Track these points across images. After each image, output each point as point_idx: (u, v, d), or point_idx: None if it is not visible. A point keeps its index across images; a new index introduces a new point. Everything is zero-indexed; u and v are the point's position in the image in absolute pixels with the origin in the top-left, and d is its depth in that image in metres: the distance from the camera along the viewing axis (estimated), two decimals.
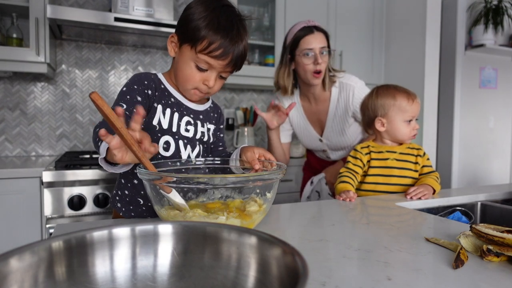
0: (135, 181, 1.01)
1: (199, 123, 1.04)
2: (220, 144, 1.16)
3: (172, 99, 1.00)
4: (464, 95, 3.33)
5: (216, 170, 0.98)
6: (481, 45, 3.20)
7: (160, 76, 1.02)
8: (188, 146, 1.02)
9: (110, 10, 2.11)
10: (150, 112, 0.96)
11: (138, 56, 2.50)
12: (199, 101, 1.07)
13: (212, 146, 1.12)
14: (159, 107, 0.97)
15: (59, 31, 2.10)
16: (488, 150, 3.52)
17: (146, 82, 0.97)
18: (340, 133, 1.65)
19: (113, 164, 0.77)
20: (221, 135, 1.16)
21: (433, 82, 2.63)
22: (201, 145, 1.06)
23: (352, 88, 1.57)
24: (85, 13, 1.88)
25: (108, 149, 0.71)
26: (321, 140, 1.71)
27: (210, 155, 1.12)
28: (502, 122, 3.60)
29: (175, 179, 0.69)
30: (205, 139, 1.06)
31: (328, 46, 1.56)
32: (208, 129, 1.08)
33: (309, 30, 1.53)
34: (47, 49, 1.94)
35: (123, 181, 1.04)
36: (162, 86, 1.00)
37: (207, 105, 1.09)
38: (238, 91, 2.81)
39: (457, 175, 3.30)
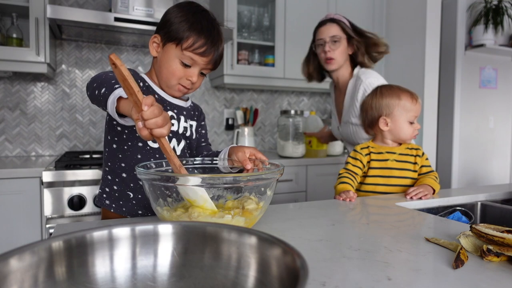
0: (124, 175, 1.03)
1: (182, 118, 1.09)
2: (203, 140, 1.21)
3: (156, 96, 1.05)
4: (464, 95, 3.33)
5: (204, 169, 0.99)
6: (481, 45, 3.20)
7: (143, 75, 1.06)
8: (174, 140, 1.06)
9: (110, 10, 2.11)
10: None
11: (138, 56, 2.50)
12: (180, 99, 1.11)
13: (195, 143, 1.17)
14: None
15: (59, 31, 2.10)
16: (488, 150, 3.52)
17: (140, 75, 1.04)
18: (346, 124, 1.71)
19: (120, 114, 0.77)
20: (203, 131, 1.21)
21: (433, 82, 2.63)
22: (184, 140, 1.10)
23: (360, 83, 1.59)
24: (85, 13, 1.88)
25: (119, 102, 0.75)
26: (338, 129, 1.80)
27: (194, 151, 1.16)
28: (502, 122, 3.60)
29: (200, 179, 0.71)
30: (188, 134, 1.11)
31: (348, 34, 1.62)
32: (191, 126, 1.13)
33: (323, 22, 1.65)
34: (47, 49, 1.94)
35: (109, 177, 1.05)
36: (146, 84, 1.05)
37: (188, 103, 1.14)
38: (238, 91, 2.81)
39: (457, 175, 3.30)
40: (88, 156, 2.05)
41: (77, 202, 1.72)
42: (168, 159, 0.74)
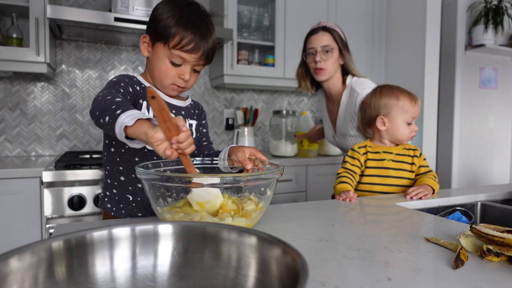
0: (122, 178, 1.03)
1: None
2: (204, 139, 1.19)
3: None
4: (464, 95, 3.33)
5: (205, 169, 0.99)
6: (481, 45, 3.20)
7: (139, 77, 1.05)
8: None
9: (110, 10, 2.10)
10: (137, 108, 0.99)
11: (138, 56, 2.50)
12: (179, 98, 1.10)
13: (196, 142, 1.15)
14: (144, 103, 1.00)
15: (59, 31, 2.10)
16: (488, 150, 3.52)
17: (134, 79, 1.02)
18: (343, 136, 1.68)
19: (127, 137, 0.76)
20: (204, 130, 1.19)
21: (433, 82, 2.63)
22: None
23: (357, 95, 1.55)
24: (85, 13, 1.88)
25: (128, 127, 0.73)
26: (334, 137, 1.78)
27: (196, 151, 1.13)
28: (502, 122, 3.60)
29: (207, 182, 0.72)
30: None
31: (339, 45, 1.57)
32: (190, 125, 1.11)
33: (315, 30, 1.60)
34: (47, 49, 1.94)
35: (109, 181, 1.05)
36: (143, 86, 1.03)
37: (187, 102, 1.12)
38: (238, 91, 2.81)
39: (457, 175, 3.30)
40: (88, 156, 2.05)
41: (77, 202, 1.72)
42: (189, 171, 0.77)
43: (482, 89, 3.45)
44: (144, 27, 1.98)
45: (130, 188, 1.03)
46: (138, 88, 1.00)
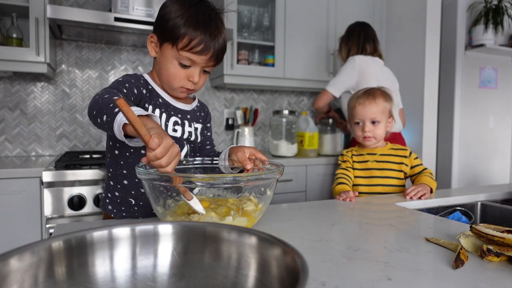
0: (125, 182, 1.01)
1: (186, 122, 1.05)
2: (208, 142, 1.16)
3: (160, 100, 1.01)
4: (464, 95, 3.33)
5: (205, 169, 0.98)
6: (481, 45, 3.20)
7: (146, 76, 1.03)
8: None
9: (110, 10, 2.10)
10: None
11: (138, 56, 2.50)
12: (186, 101, 1.07)
13: (199, 145, 1.13)
14: (150, 108, 0.98)
15: (59, 31, 2.10)
16: (488, 150, 3.52)
17: (142, 81, 0.99)
18: None
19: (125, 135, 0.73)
20: (208, 133, 1.17)
21: (433, 82, 2.63)
22: (188, 145, 1.06)
23: None
24: (85, 13, 1.88)
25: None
26: None
27: (198, 154, 1.12)
28: (502, 122, 3.60)
29: (198, 182, 0.70)
30: (192, 138, 1.07)
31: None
32: (196, 129, 1.08)
33: None
34: (47, 49, 1.94)
35: (112, 183, 1.03)
36: (150, 87, 1.00)
37: (194, 104, 1.10)
38: (238, 91, 2.81)
39: (457, 175, 3.30)
40: (88, 156, 2.05)
41: (77, 202, 1.72)
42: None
43: (482, 89, 3.45)
44: (144, 27, 1.98)
45: (133, 192, 1.01)
46: (144, 91, 0.97)
